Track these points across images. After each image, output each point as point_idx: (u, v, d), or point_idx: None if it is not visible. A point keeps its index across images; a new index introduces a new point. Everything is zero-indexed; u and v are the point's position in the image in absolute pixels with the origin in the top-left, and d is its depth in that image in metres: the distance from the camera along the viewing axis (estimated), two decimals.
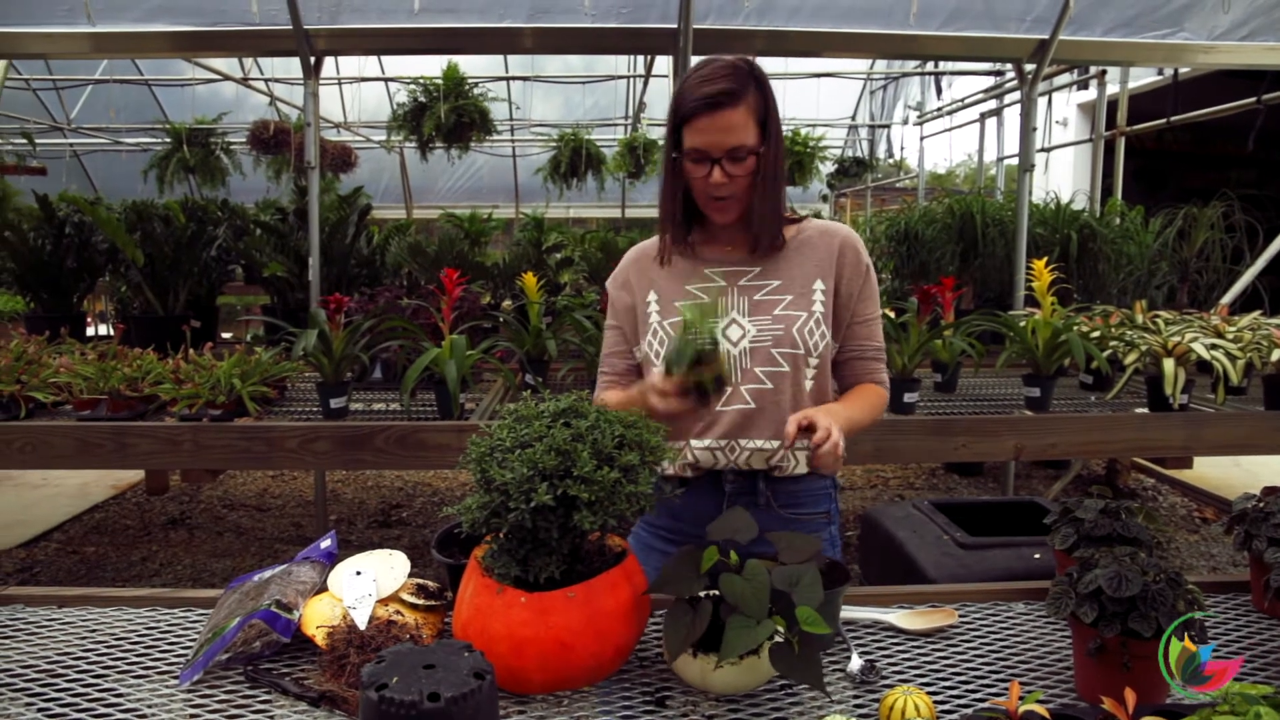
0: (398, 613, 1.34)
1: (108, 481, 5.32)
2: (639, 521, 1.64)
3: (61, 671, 1.29)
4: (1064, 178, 10.64)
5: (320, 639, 1.27)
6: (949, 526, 2.80)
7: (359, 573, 1.40)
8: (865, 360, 1.61)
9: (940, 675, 1.29)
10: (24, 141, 8.39)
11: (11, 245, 4.09)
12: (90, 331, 4.78)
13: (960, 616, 1.48)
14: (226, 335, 6.48)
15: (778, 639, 1.15)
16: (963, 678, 1.28)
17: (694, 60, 3.86)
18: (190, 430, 2.74)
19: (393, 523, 4.79)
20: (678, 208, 1.54)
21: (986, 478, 5.50)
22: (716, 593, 1.18)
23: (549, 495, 1.11)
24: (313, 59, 3.82)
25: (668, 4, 3.85)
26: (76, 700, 1.20)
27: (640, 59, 8.63)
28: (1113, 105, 6.42)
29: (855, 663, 1.30)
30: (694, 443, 1.54)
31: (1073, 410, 3.10)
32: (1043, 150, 8.46)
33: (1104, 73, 6.39)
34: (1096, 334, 3.21)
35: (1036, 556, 2.44)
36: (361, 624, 1.28)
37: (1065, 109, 11.08)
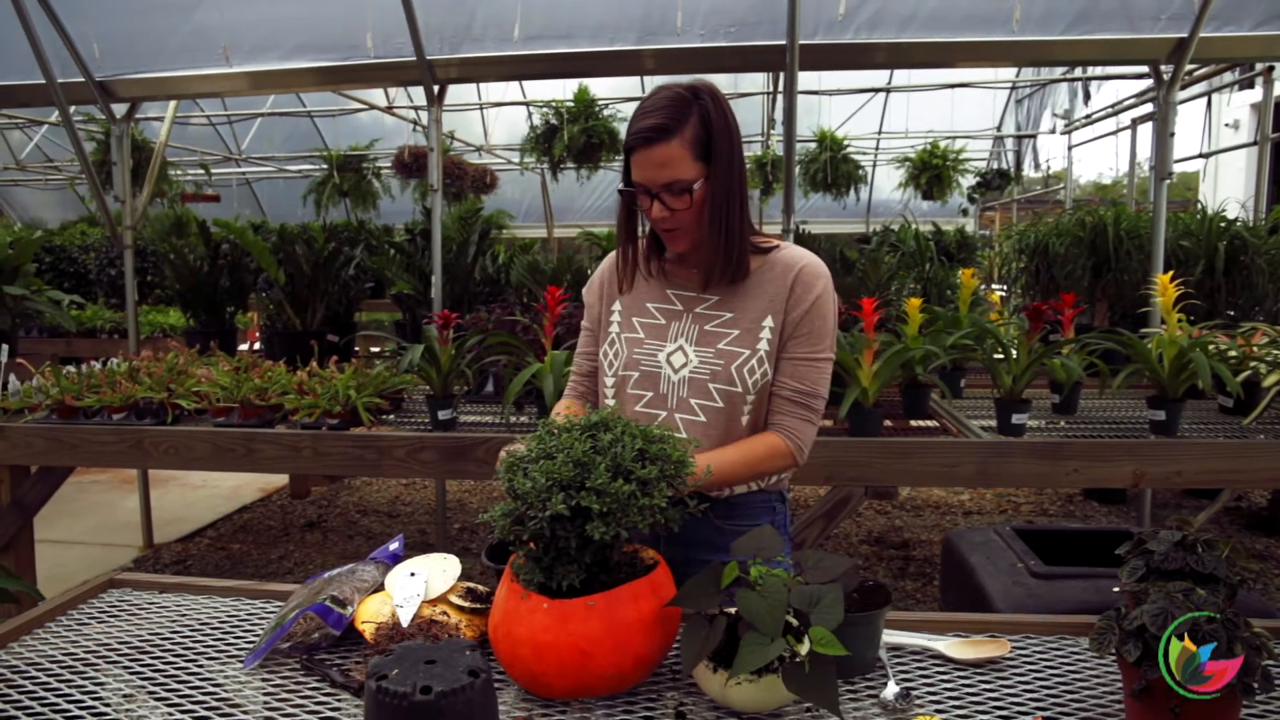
0: (443, 613, 1.41)
1: (257, 485, 5.76)
2: None
3: (150, 649, 1.43)
4: (1235, 185, 9.84)
5: (368, 633, 1.35)
6: (1025, 554, 2.64)
7: (413, 574, 1.48)
8: (780, 399, 1.49)
9: (980, 707, 1.24)
10: (202, 171, 9.27)
11: (176, 266, 4.52)
12: (245, 346, 5.19)
13: (1018, 649, 1.41)
14: (375, 350, 6.89)
15: (798, 659, 1.14)
16: (1004, 712, 1.22)
17: (800, 76, 3.84)
18: (310, 438, 2.95)
19: None
20: (633, 236, 1.54)
21: (1130, 506, 5.13)
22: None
23: (563, 505, 1.15)
24: (435, 88, 4.04)
25: (775, 22, 3.83)
26: (156, 675, 1.33)
27: (770, 76, 8.60)
28: None
29: (890, 689, 1.27)
30: None
31: (1206, 436, 2.87)
32: (1201, 156, 7.87)
33: (1271, 69, 5.86)
34: (1235, 354, 2.97)
35: (1115, 590, 2.26)
36: (405, 622, 1.36)
37: (1237, 110, 10.26)
